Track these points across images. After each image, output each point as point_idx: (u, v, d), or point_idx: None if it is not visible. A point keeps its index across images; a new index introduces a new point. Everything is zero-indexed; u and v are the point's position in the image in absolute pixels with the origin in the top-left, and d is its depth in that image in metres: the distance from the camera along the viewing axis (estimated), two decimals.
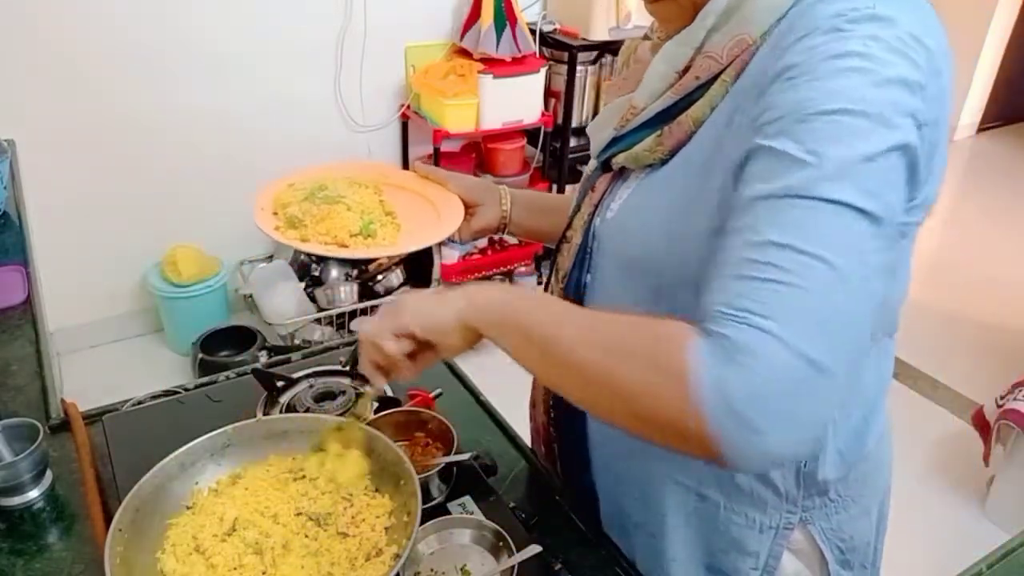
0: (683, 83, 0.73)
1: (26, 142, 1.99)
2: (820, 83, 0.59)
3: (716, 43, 0.70)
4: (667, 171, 0.75)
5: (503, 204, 1.05)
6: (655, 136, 0.75)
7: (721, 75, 0.70)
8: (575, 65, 3.00)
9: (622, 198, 0.80)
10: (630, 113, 0.78)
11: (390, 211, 1.01)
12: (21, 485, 0.95)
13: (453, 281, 3.20)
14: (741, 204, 0.61)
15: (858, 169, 0.58)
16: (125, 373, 2.75)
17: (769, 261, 0.56)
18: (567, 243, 0.88)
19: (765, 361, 0.53)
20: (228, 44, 2.66)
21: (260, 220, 0.96)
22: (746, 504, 0.82)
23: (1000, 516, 2.30)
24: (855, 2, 0.62)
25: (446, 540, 0.87)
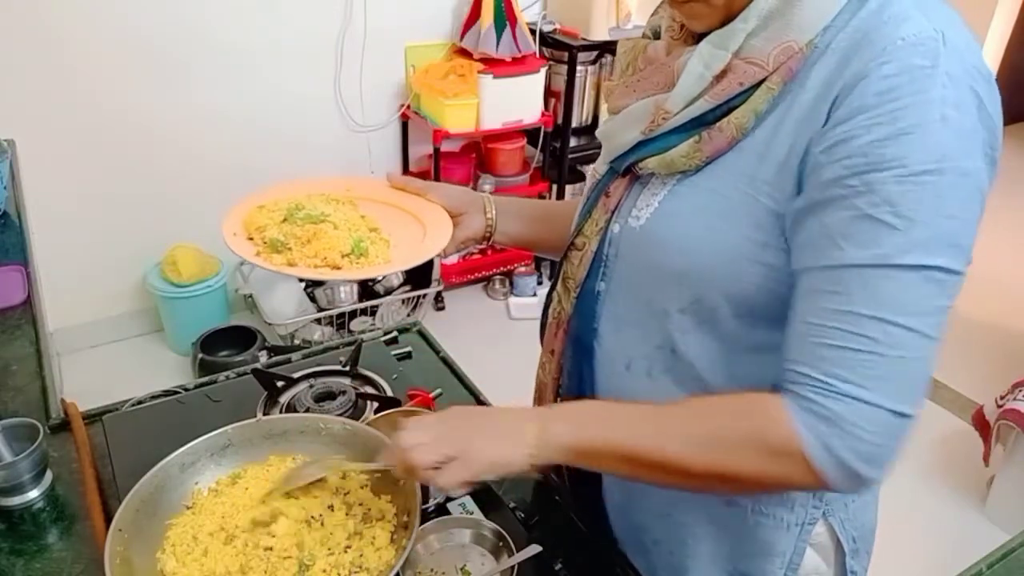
0: (724, 88, 0.70)
1: (26, 142, 1.99)
2: (908, 139, 0.61)
3: (758, 48, 0.68)
4: (705, 178, 0.73)
5: (487, 212, 1.00)
6: (693, 141, 0.72)
7: (765, 82, 0.68)
8: (575, 65, 3.00)
9: (651, 205, 0.77)
10: (661, 116, 0.74)
11: (374, 227, 0.95)
12: (21, 485, 0.95)
13: (454, 282, 3.20)
14: (829, 265, 0.64)
15: (947, 228, 0.62)
16: (125, 373, 2.75)
17: (862, 333, 0.62)
18: (578, 251, 0.85)
19: (869, 428, 0.62)
20: (228, 44, 2.66)
21: (237, 247, 0.89)
22: (775, 503, 0.82)
23: (1000, 516, 2.30)
24: (924, 27, 0.63)
25: (446, 540, 0.87)
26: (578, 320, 0.86)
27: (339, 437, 0.91)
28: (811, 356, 0.64)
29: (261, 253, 0.89)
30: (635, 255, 0.80)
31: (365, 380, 1.17)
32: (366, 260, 0.88)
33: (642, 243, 0.78)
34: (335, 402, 1.08)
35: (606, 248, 0.82)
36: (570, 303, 0.86)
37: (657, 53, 0.78)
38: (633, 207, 0.79)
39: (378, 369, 1.18)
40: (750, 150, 0.70)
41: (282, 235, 0.89)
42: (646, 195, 0.78)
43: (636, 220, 0.78)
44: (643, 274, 0.79)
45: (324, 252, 0.88)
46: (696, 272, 0.73)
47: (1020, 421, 2.14)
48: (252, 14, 2.66)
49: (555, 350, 0.90)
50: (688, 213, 0.74)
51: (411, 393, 1.12)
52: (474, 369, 1.25)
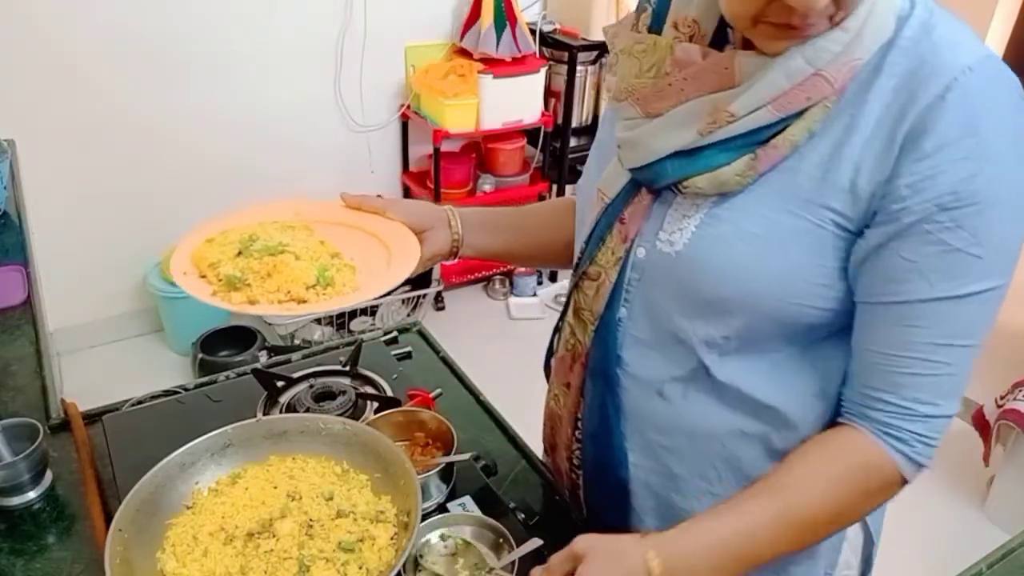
0: (790, 101, 0.67)
1: (26, 142, 1.99)
2: (995, 172, 0.63)
3: (832, 64, 0.66)
4: (751, 200, 0.70)
5: (453, 226, 0.95)
6: (748, 159, 0.69)
7: (825, 99, 0.67)
8: (575, 65, 3.00)
9: (685, 229, 0.73)
10: (723, 117, 0.69)
11: (335, 252, 0.87)
12: (21, 485, 0.95)
13: (454, 282, 3.20)
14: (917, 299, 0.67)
15: (1011, 249, 0.66)
16: (125, 373, 2.75)
17: (938, 359, 0.68)
18: (592, 280, 0.81)
19: (938, 435, 0.70)
20: (228, 44, 2.66)
21: (190, 287, 0.81)
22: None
23: (1000, 516, 2.30)
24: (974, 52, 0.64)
25: (446, 538, 0.87)
26: (598, 351, 0.82)
27: (339, 437, 0.91)
28: (890, 384, 0.69)
29: (218, 292, 0.80)
30: (667, 281, 0.76)
31: (365, 380, 1.17)
32: (333, 290, 0.81)
33: (679, 269, 0.74)
34: (335, 402, 1.08)
35: (628, 274, 0.79)
36: (587, 335, 0.83)
37: (690, 56, 0.72)
38: (659, 230, 0.75)
39: (378, 369, 1.18)
40: (803, 171, 0.68)
41: (239, 270, 0.81)
42: (675, 217, 0.74)
43: (668, 245, 0.74)
44: (675, 300, 0.76)
45: (287, 285, 0.80)
46: (745, 299, 0.71)
47: (1020, 421, 2.14)
48: (252, 14, 2.66)
49: (571, 383, 0.87)
50: (735, 238, 0.71)
51: (411, 393, 1.12)
52: (474, 369, 1.25)
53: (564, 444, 0.92)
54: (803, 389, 0.77)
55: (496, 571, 0.82)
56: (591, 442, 0.87)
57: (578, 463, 0.91)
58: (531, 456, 1.07)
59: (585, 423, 0.87)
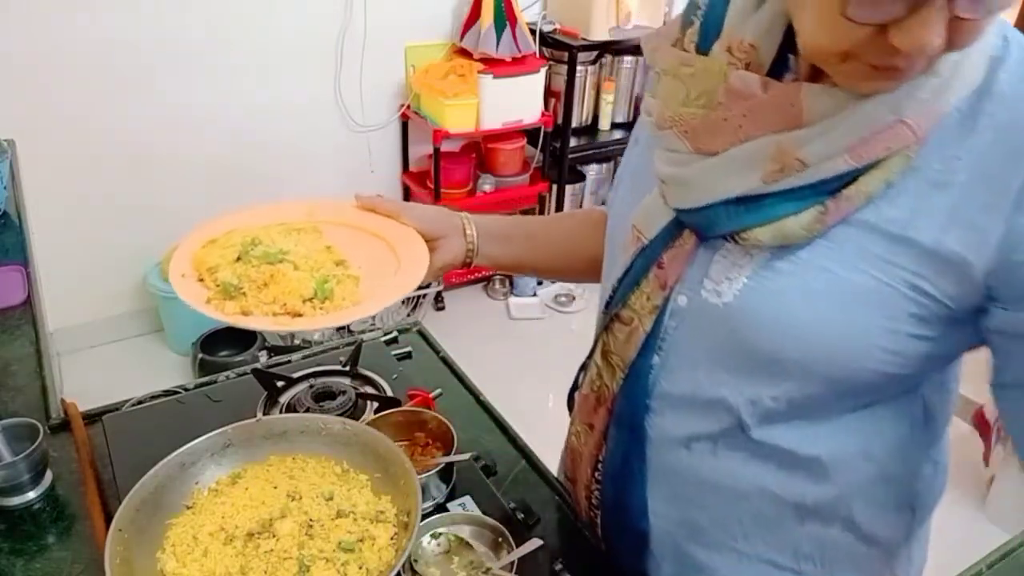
0: (869, 150, 0.59)
1: (26, 142, 1.99)
2: None
3: (915, 111, 0.59)
4: (815, 254, 0.63)
5: (467, 234, 0.90)
6: (817, 212, 0.62)
7: (907, 148, 0.60)
8: (575, 65, 3.00)
9: (735, 279, 0.67)
10: (792, 165, 0.61)
11: (340, 260, 0.83)
12: (21, 485, 0.95)
13: (454, 282, 3.21)
14: None
15: None
16: (125, 373, 2.75)
17: None
18: (624, 325, 0.76)
19: None
20: (228, 44, 2.66)
21: (185, 293, 0.77)
22: (848, 569, 0.79)
23: (1000, 516, 2.30)
24: None
25: (438, 536, 0.87)
26: (625, 400, 0.77)
27: (339, 437, 0.91)
28: None
29: (212, 300, 0.76)
30: (712, 334, 0.70)
31: (365, 380, 1.17)
32: (331, 304, 0.77)
33: (728, 322, 0.68)
34: (335, 402, 1.08)
35: (665, 322, 0.73)
36: (615, 381, 0.78)
37: (748, 87, 0.63)
38: (705, 277, 0.69)
39: (378, 369, 1.18)
40: (877, 226, 0.61)
41: (235, 277, 0.77)
42: (723, 265, 0.68)
43: (715, 295, 0.68)
44: (719, 354, 0.70)
45: (283, 297, 0.76)
46: (801, 360, 0.65)
47: None
48: (252, 14, 2.66)
49: (595, 425, 0.82)
50: (797, 294, 0.64)
51: (411, 393, 1.12)
52: (474, 369, 1.25)
53: (583, 482, 0.89)
54: (848, 449, 0.73)
55: (495, 571, 0.82)
56: (611, 486, 0.84)
57: (597, 503, 0.88)
58: (531, 456, 1.07)
59: (606, 466, 0.83)
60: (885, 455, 0.74)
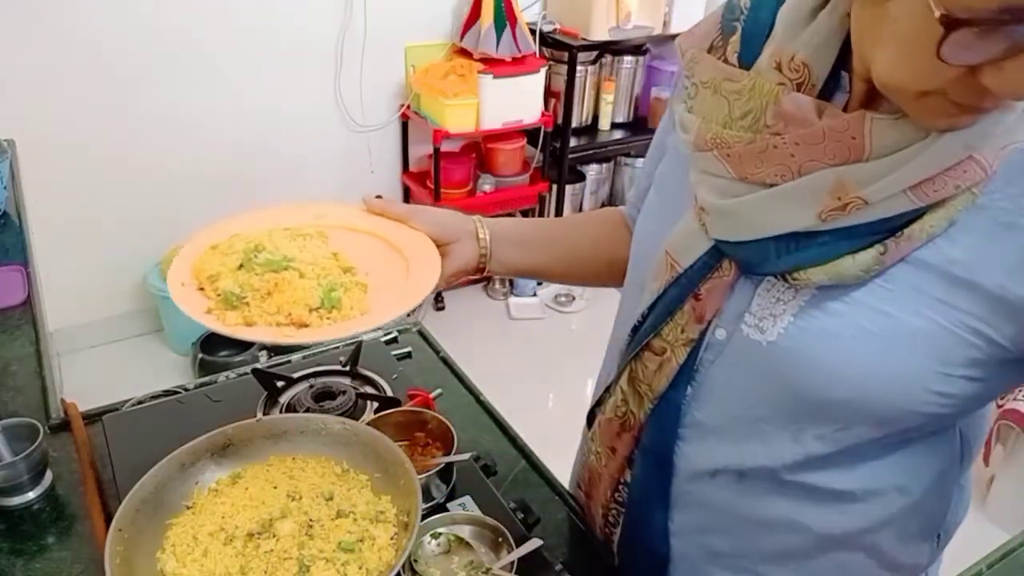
0: (936, 189, 0.56)
1: (26, 142, 1.99)
2: None
3: (985, 147, 0.56)
4: (872, 293, 0.60)
5: (481, 239, 0.86)
6: (877, 253, 0.58)
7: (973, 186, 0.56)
8: (575, 65, 3.00)
9: (780, 316, 0.63)
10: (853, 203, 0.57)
11: (348, 267, 0.80)
12: (21, 485, 0.95)
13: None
14: None
15: None
16: (125, 373, 2.75)
17: None
18: (655, 355, 0.72)
19: None
20: (228, 44, 2.66)
21: (185, 303, 0.75)
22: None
23: (1000, 516, 2.30)
24: None
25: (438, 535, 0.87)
26: (654, 431, 0.75)
27: (339, 437, 0.91)
28: None
29: (213, 310, 0.74)
30: (752, 371, 0.66)
31: (365, 380, 1.17)
32: (339, 313, 0.73)
33: (772, 361, 0.64)
34: (335, 402, 1.08)
35: (701, 353, 0.69)
36: (643, 411, 0.75)
37: (802, 112, 0.59)
38: (746, 311, 0.66)
39: (378, 369, 1.18)
40: (939, 268, 0.58)
41: (237, 286, 0.74)
42: (767, 300, 0.64)
43: (758, 332, 0.65)
44: (760, 392, 0.67)
45: (288, 307, 0.72)
46: (849, 403, 0.62)
47: (1020, 421, 2.14)
48: (252, 15, 2.66)
49: (618, 450, 0.80)
50: (847, 334, 0.60)
51: (411, 393, 1.12)
52: (474, 369, 1.25)
53: (601, 501, 0.87)
54: (883, 484, 0.70)
55: (495, 571, 0.82)
56: (633, 510, 0.82)
57: (614, 521, 0.86)
58: (531, 456, 1.07)
59: (630, 492, 0.82)
60: (920, 489, 0.72)
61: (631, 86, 3.29)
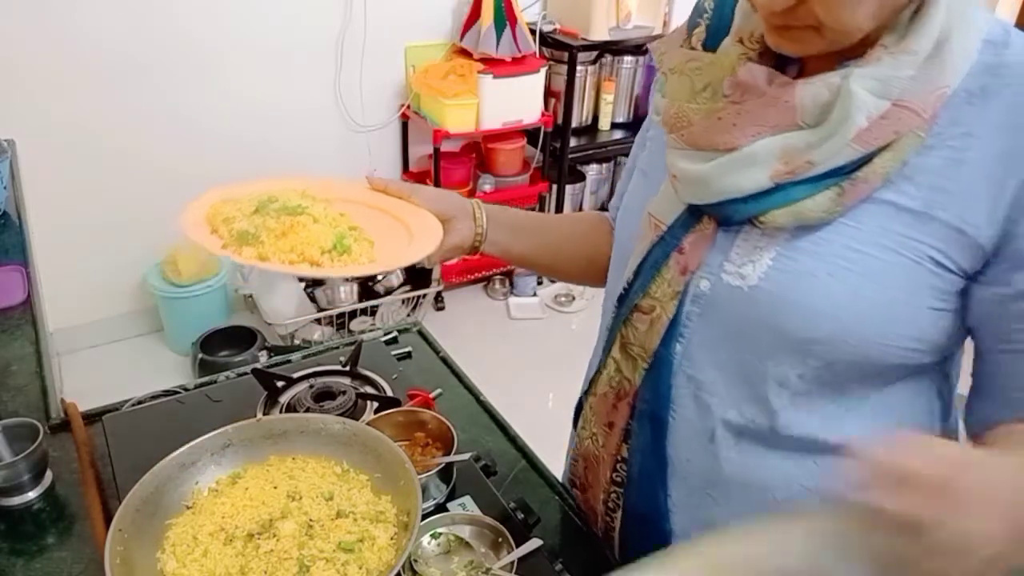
0: (875, 136, 0.62)
1: (26, 142, 1.99)
2: None
3: (913, 92, 0.62)
4: (837, 233, 0.65)
5: (477, 219, 0.91)
6: (834, 194, 0.64)
7: (915, 128, 0.62)
8: (575, 65, 3.00)
9: (758, 261, 0.68)
10: (800, 167, 0.64)
11: (354, 226, 0.84)
12: (21, 485, 0.95)
13: (454, 282, 3.21)
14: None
15: None
16: (125, 373, 2.75)
17: None
18: (644, 314, 0.76)
19: None
20: (228, 44, 2.66)
21: (199, 237, 0.79)
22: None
23: None
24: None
25: (438, 536, 0.87)
26: (648, 392, 0.77)
27: (339, 437, 0.91)
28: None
29: (228, 246, 0.78)
30: (737, 317, 0.70)
31: (365, 380, 1.17)
32: (349, 258, 0.78)
33: (754, 305, 0.68)
34: (335, 402, 1.08)
35: (687, 308, 0.73)
36: (637, 373, 0.77)
37: (755, 80, 0.66)
38: (726, 261, 0.70)
39: (378, 369, 1.18)
40: (899, 204, 0.64)
41: (252, 227, 0.78)
42: (745, 248, 0.69)
43: (739, 278, 0.69)
44: (746, 337, 0.70)
45: (301, 247, 0.77)
46: (830, 338, 0.66)
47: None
48: (252, 15, 2.66)
49: (615, 424, 0.82)
50: (824, 273, 0.65)
51: (411, 393, 1.12)
52: (474, 369, 1.25)
53: (601, 486, 0.87)
54: (870, 432, 0.72)
55: (495, 571, 0.82)
56: (634, 489, 0.82)
57: (614, 506, 0.86)
58: (531, 456, 1.07)
59: (629, 466, 0.82)
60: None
61: (631, 86, 3.29)
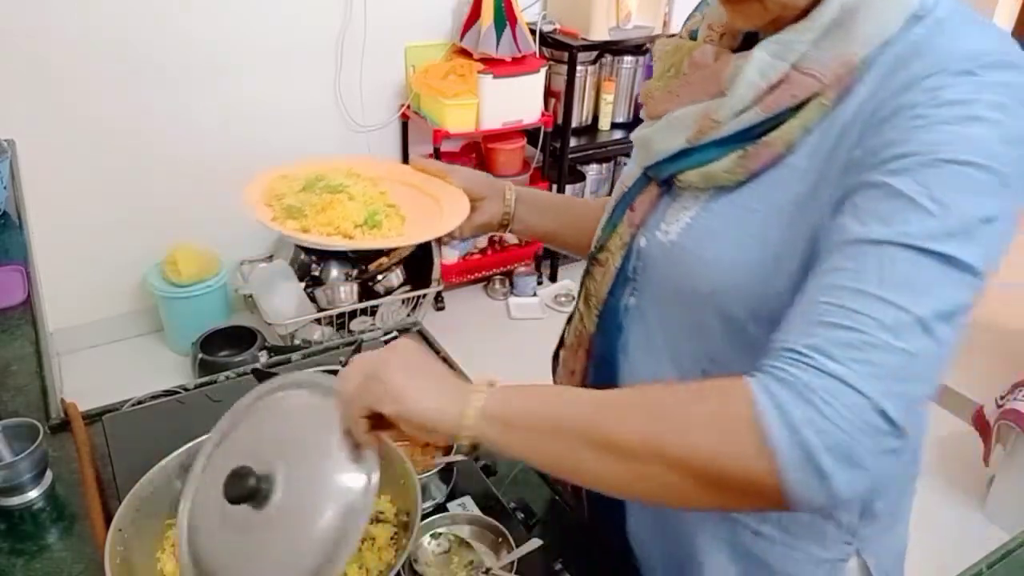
0: (776, 99, 0.66)
1: (26, 142, 1.99)
2: (951, 128, 0.56)
3: (816, 60, 0.64)
4: (744, 196, 0.69)
5: (507, 199, 1.00)
6: (737, 156, 0.68)
7: (819, 96, 0.64)
8: (575, 65, 3.00)
9: (681, 220, 0.74)
10: (709, 125, 0.70)
11: (392, 203, 0.96)
12: (21, 485, 0.95)
13: (454, 282, 3.21)
14: (846, 240, 0.58)
15: (979, 229, 0.56)
16: (125, 373, 2.75)
17: (866, 312, 0.54)
18: (600, 266, 0.82)
19: (843, 412, 0.52)
20: (228, 44, 2.66)
21: (255, 211, 0.91)
22: (805, 538, 0.78)
23: (1000, 516, 2.30)
24: (984, 45, 0.60)
25: (438, 536, 0.87)
26: (601, 337, 0.83)
27: None
28: (799, 333, 0.56)
29: (277, 218, 0.90)
30: (664, 271, 0.76)
31: None
32: (378, 232, 0.90)
33: (671, 260, 0.74)
34: None
35: (632, 262, 0.79)
36: (592, 321, 0.83)
37: (705, 58, 0.74)
38: (662, 221, 0.76)
39: None
40: (796, 168, 0.66)
41: (299, 202, 0.91)
42: (675, 209, 0.75)
43: (665, 235, 0.75)
44: (673, 290, 0.76)
45: (337, 221, 0.89)
46: (725, 291, 0.70)
47: (1020, 421, 2.14)
48: (252, 15, 2.66)
49: (576, 370, 0.87)
50: (721, 231, 0.70)
51: None
52: (474, 369, 1.24)
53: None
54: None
55: (495, 571, 0.82)
56: None
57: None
58: None
59: None
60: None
61: (631, 86, 3.29)
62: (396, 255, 2.96)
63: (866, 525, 0.80)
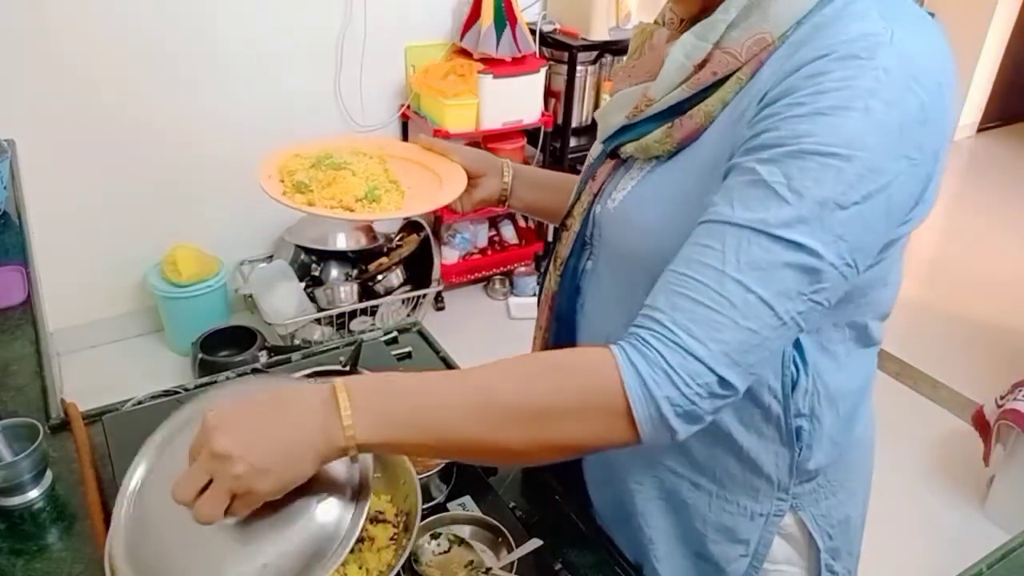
0: (700, 77, 0.71)
1: (26, 142, 1.99)
2: (823, 119, 0.61)
3: (735, 39, 0.69)
4: (674, 165, 0.75)
5: (504, 176, 1.05)
6: (666, 128, 0.74)
7: (737, 72, 0.69)
8: (575, 65, 3.00)
9: (626, 188, 0.80)
10: (644, 103, 0.77)
11: (394, 180, 1.03)
12: (21, 485, 0.95)
13: (454, 282, 3.21)
14: (715, 218, 0.64)
15: (837, 217, 0.61)
16: (125, 373, 2.75)
17: (723, 293, 0.62)
18: (566, 231, 0.88)
19: (692, 384, 0.61)
20: (228, 44, 2.66)
21: (267, 185, 0.98)
22: (738, 492, 0.83)
23: (1000, 516, 2.30)
24: (875, 26, 0.62)
25: (438, 536, 0.87)
26: (561, 296, 0.89)
27: None
28: (666, 304, 0.63)
29: (287, 193, 0.97)
30: (610, 236, 0.82)
31: None
32: (378, 206, 0.96)
33: (615, 224, 0.81)
34: None
35: (589, 228, 0.85)
36: (555, 282, 0.89)
37: (660, 40, 0.80)
38: (614, 190, 0.82)
39: (378, 369, 1.17)
40: (712, 137, 0.71)
41: (307, 178, 0.98)
42: (625, 179, 0.81)
43: (612, 202, 0.81)
44: (619, 254, 0.82)
45: (340, 195, 0.95)
46: (655, 254, 0.72)
47: (1020, 421, 2.14)
48: (252, 15, 2.66)
49: (543, 325, 0.94)
50: (652, 198, 0.76)
51: None
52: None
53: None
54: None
55: (495, 571, 0.82)
56: None
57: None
58: None
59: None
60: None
61: None
62: (396, 255, 2.96)
63: (798, 483, 0.83)
